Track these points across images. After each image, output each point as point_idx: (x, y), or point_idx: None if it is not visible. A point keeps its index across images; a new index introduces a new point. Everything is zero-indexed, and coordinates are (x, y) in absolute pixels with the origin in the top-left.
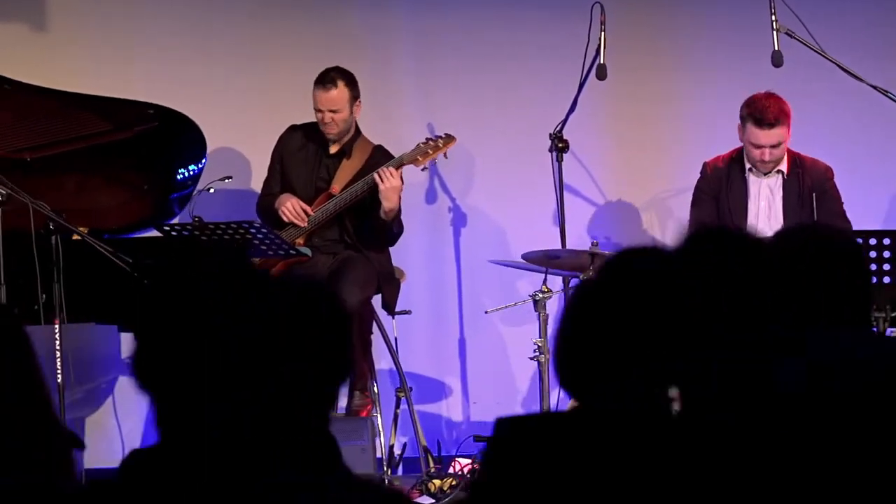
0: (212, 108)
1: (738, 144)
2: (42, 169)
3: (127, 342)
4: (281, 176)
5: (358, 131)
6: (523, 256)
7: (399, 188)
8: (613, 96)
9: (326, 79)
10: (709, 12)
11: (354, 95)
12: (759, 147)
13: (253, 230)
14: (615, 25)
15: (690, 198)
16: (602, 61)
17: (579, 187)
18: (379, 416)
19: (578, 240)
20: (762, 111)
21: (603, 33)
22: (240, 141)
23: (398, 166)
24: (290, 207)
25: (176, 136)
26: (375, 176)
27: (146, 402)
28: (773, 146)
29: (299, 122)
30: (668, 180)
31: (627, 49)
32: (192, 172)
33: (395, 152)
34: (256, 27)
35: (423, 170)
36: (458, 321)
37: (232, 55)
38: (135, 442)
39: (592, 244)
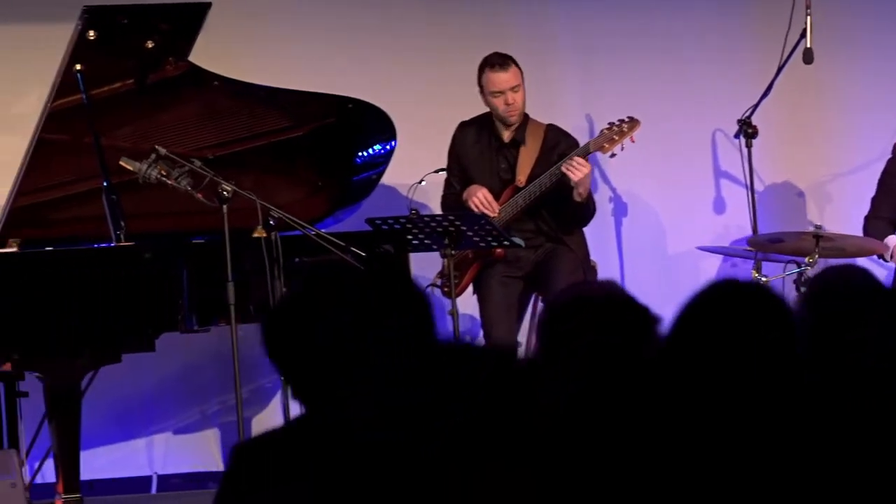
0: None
1: None
2: (222, 166)
3: None
4: (460, 174)
5: (526, 116)
6: (748, 241)
7: (589, 175)
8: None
9: (500, 59)
10: None
11: (523, 73)
12: None
13: (469, 221)
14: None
15: (849, 183)
16: (809, 45)
17: (737, 174)
18: None
19: (738, 230)
20: None
21: (809, 17)
22: (421, 136)
23: (584, 154)
24: (481, 197)
25: (356, 126)
26: (564, 170)
27: None
28: None
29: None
30: (829, 166)
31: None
32: (377, 152)
33: None
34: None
35: (611, 156)
36: None
37: (408, 51)
38: None
39: (816, 227)
